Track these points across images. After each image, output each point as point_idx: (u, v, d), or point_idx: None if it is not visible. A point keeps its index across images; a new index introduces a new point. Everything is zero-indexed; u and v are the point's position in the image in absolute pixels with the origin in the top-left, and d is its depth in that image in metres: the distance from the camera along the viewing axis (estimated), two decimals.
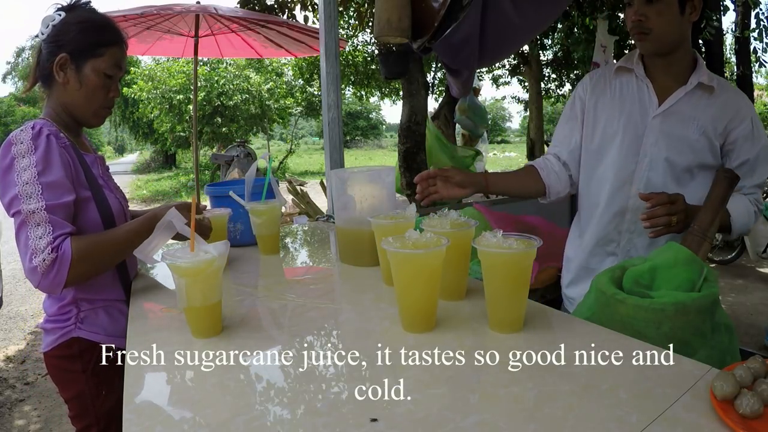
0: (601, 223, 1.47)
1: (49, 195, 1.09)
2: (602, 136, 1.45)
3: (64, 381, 1.25)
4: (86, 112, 1.25)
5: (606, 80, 1.48)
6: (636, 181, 1.40)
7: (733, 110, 1.35)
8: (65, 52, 1.18)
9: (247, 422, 0.67)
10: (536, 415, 0.67)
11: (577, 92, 1.54)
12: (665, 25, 1.32)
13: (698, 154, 1.35)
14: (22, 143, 1.11)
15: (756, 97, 11.36)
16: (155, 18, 4.31)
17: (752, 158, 1.36)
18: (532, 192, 1.56)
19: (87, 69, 1.20)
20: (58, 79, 1.19)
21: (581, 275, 1.54)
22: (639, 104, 1.40)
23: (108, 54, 1.22)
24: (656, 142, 1.37)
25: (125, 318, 1.26)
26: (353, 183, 1.37)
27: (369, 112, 36.64)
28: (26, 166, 1.09)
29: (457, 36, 2.31)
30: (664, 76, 1.40)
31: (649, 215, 1.21)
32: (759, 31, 6.51)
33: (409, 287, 0.92)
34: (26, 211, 1.07)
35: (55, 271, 1.06)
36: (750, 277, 4.79)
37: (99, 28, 1.22)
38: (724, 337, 1.01)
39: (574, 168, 1.55)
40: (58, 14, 1.20)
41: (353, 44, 10.68)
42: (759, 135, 1.36)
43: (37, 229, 1.06)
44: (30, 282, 1.09)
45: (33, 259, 1.05)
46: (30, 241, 1.06)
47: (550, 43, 9.35)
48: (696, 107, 1.35)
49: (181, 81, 14.39)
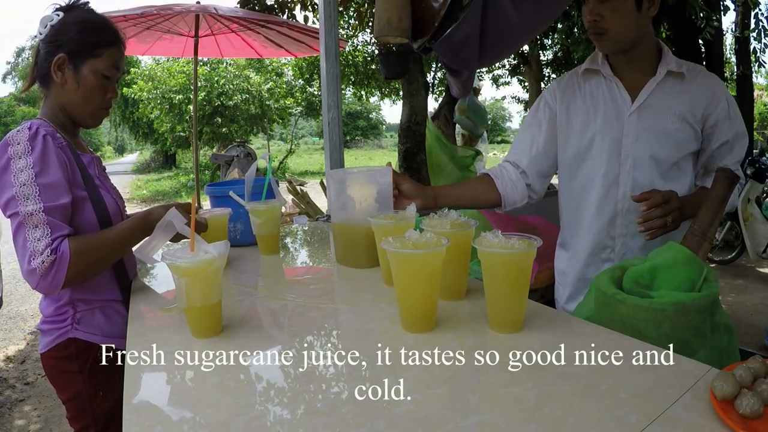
0: (592, 232, 1.43)
1: (47, 196, 1.09)
2: (578, 143, 1.42)
3: (61, 382, 1.25)
4: (84, 113, 1.25)
5: (575, 85, 1.45)
6: (622, 183, 1.37)
7: (708, 94, 1.33)
8: (63, 52, 1.18)
9: (247, 422, 0.67)
10: (536, 415, 0.67)
11: (544, 99, 1.50)
12: (621, 23, 1.30)
13: (682, 144, 1.34)
14: (18, 144, 1.10)
15: (756, 97, 11.35)
16: (155, 18, 4.31)
17: (731, 138, 1.35)
18: (485, 202, 1.52)
19: (85, 69, 1.20)
20: (55, 79, 1.19)
21: (580, 288, 1.49)
22: (612, 104, 1.38)
23: (106, 55, 1.22)
24: (637, 139, 1.34)
25: (122, 319, 1.27)
26: (352, 183, 1.36)
27: (369, 112, 36.64)
28: (23, 167, 1.08)
29: (457, 36, 2.31)
30: (631, 71, 1.37)
31: (644, 218, 1.20)
32: (758, 31, 6.51)
33: (409, 287, 0.92)
34: (24, 213, 1.06)
35: (54, 272, 1.06)
36: (750, 277, 4.79)
37: (98, 29, 1.23)
38: (724, 337, 1.01)
39: (533, 177, 1.50)
40: (57, 14, 1.20)
41: (353, 44, 10.69)
42: (735, 114, 1.36)
43: (35, 231, 1.06)
44: (28, 284, 1.09)
45: (32, 261, 1.05)
46: (28, 243, 1.06)
47: (550, 43, 9.34)
48: (670, 96, 1.33)
49: (181, 81, 14.40)
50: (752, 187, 4.72)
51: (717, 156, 1.38)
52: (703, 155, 1.40)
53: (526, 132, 1.51)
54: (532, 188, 1.51)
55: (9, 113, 26.08)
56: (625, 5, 1.28)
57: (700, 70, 1.38)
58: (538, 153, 1.49)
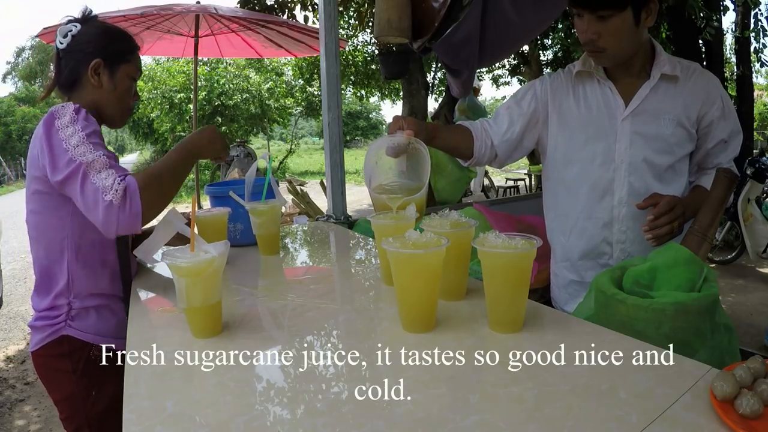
0: (584, 237, 1.43)
1: (101, 149, 1.14)
2: (568, 144, 1.41)
3: (53, 381, 1.25)
4: (116, 113, 1.34)
5: (567, 86, 1.42)
6: (617, 189, 1.35)
7: (703, 94, 1.32)
8: (99, 58, 1.27)
9: (247, 422, 0.67)
10: (536, 415, 0.67)
11: (533, 91, 1.47)
12: (620, 42, 1.26)
13: (676, 148, 1.33)
14: (65, 115, 1.16)
15: (756, 97, 11.34)
16: (155, 18, 4.31)
17: (726, 136, 1.35)
18: (459, 155, 1.51)
19: (120, 73, 1.31)
20: (92, 81, 1.27)
21: (578, 290, 1.49)
22: (606, 109, 1.36)
23: (133, 60, 1.34)
24: (630, 144, 1.33)
25: (116, 319, 1.27)
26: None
27: (369, 112, 36.61)
28: (72, 133, 1.14)
29: (457, 36, 2.31)
30: (625, 74, 1.35)
31: (651, 226, 1.19)
32: (758, 31, 6.51)
33: (409, 287, 0.92)
34: (86, 162, 1.11)
35: (129, 200, 1.10)
36: (750, 277, 4.79)
37: (125, 38, 1.35)
38: (724, 337, 1.01)
39: (502, 154, 1.48)
40: (74, 25, 1.28)
41: (353, 44, 10.69)
42: (729, 111, 1.35)
43: (100, 174, 1.11)
44: (108, 228, 1.10)
45: (105, 196, 1.09)
46: (98, 184, 1.10)
47: (550, 43, 9.34)
48: (664, 100, 1.32)
49: (181, 81, 14.40)
50: (752, 187, 4.71)
51: (712, 154, 1.38)
52: (698, 154, 1.40)
53: (506, 114, 1.48)
54: (498, 159, 1.50)
55: (9, 113, 26.08)
56: (624, 24, 1.23)
57: (695, 68, 1.36)
58: (511, 139, 1.47)
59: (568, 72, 1.45)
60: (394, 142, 1.19)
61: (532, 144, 1.51)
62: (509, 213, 2.47)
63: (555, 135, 1.44)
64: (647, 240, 1.22)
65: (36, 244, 1.24)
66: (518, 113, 1.47)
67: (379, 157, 1.23)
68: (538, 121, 1.47)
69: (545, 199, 1.55)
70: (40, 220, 1.22)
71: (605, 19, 1.23)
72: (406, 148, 1.20)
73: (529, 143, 1.50)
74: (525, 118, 1.46)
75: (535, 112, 1.46)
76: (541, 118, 1.47)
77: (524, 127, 1.47)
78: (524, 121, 1.46)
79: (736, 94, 7.02)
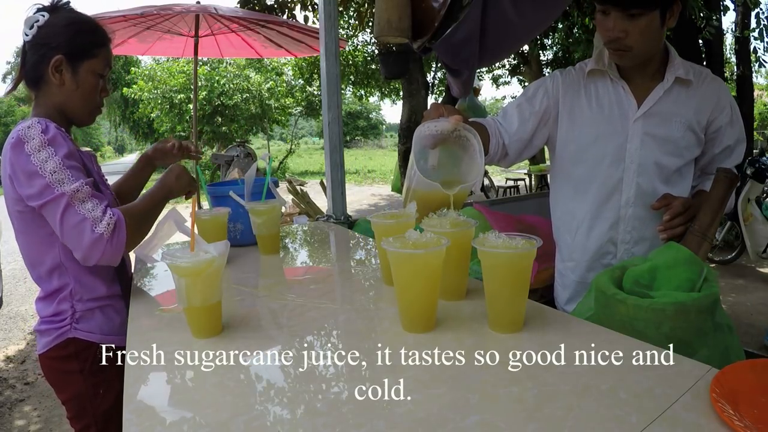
0: (591, 236, 1.42)
1: (80, 175, 1.13)
2: (578, 142, 1.40)
3: (61, 382, 1.25)
4: (83, 112, 1.27)
5: (579, 83, 1.41)
6: (625, 189, 1.35)
7: (714, 100, 1.33)
8: (60, 54, 1.18)
9: (247, 422, 0.67)
10: (536, 415, 0.67)
11: (545, 87, 1.44)
12: (647, 41, 1.25)
13: (685, 152, 1.33)
14: (33, 139, 1.11)
15: (756, 97, 11.35)
16: (155, 18, 4.31)
17: (732, 143, 1.36)
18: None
19: (83, 70, 1.22)
20: (53, 80, 1.20)
21: (580, 290, 1.49)
22: (618, 108, 1.35)
23: (101, 55, 1.25)
24: (641, 145, 1.33)
25: (120, 317, 1.27)
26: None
27: (369, 112, 36.61)
28: (47, 158, 1.10)
29: (457, 36, 2.31)
30: (640, 75, 1.35)
31: (666, 227, 1.22)
32: (759, 31, 6.51)
33: (409, 287, 0.92)
34: (69, 192, 1.09)
35: (118, 233, 1.11)
36: (750, 277, 4.79)
37: (90, 30, 1.24)
38: (725, 337, 1.01)
39: (512, 152, 1.45)
40: (41, 15, 1.19)
41: (353, 44, 10.68)
42: (737, 118, 1.36)
43: (86, 204, 1.10)
44: (90, 257, 1.10)
45: (95, 228, 1.09)
46: (85, 215, 1.09)
47: (550, 43, 9.33)
48: (676, 103, 1.32)
49: (182, 81, 14.40)
50: (752, 187, 4.71)
51: (717, 160, 1.39)
52: (703, 158, 1.41)
53: (516, 112, 1.45)
54: (509, 158, 1.47)
55: (9, 113, 26.08)
56: (651, 23, 1.22)
57: (707, 74, 1.36)
58: (522, 137, 1.44)
59: (579, 70, 1.43)
60: (438, 129, 1.08)
61: (542, 142, 1.49)
62: (509, 213, 2.47)
63: (565, 133, 1.43)
64: (662, 240, 1.24)
65: (31, 265, 1.22)
66: (530, 111, 1.44)
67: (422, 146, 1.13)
68: (549, 118, 1.45)
69: (552, 197, 1.54)
70: (31, 242, 1.20)
71: (634, 18, 1.22)
72: (450, 137, 1.11)
73: (539, 141, 1.48)
74: (536, 116, 1.44)
75: (547, 109, 1.44)
76: (552, 116, 1.45)
77: (536, 125, 1.45)
78: (536, 119, 1.44)
79: (736, 94, 7.01)
